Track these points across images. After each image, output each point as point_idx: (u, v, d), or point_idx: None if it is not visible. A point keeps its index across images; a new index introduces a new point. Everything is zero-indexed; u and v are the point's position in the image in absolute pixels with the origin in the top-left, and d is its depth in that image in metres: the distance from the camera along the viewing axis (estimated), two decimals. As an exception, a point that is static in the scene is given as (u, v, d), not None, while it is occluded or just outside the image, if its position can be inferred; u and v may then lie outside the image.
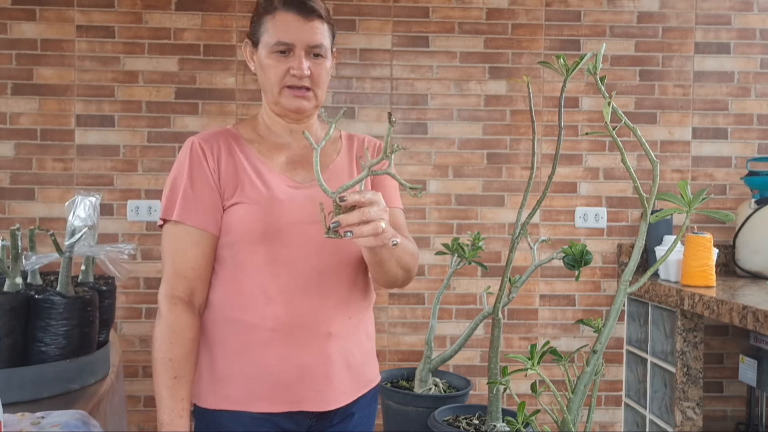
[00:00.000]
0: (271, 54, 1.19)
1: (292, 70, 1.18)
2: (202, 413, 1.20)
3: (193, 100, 2.68)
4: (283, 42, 1.17)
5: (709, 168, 2.83)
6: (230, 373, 1.18)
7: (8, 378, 1.17)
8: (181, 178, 1.19)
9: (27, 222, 2.60)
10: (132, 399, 2.65)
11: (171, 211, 1.17)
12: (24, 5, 2.61)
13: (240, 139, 1.24)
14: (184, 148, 1.22)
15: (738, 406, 2.83)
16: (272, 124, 1.27)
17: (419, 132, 2.75)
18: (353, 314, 1.23)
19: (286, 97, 1.21)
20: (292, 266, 1.17)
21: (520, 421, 0.96)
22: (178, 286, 1.16)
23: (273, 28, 1.18)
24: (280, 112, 1.24)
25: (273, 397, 1.17)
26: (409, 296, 2.75)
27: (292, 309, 1.17)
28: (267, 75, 1.20)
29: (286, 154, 1.25)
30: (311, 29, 1.19)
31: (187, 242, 1.17)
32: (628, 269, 0.87)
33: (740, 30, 2.81)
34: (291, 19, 1.18)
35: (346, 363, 1.22)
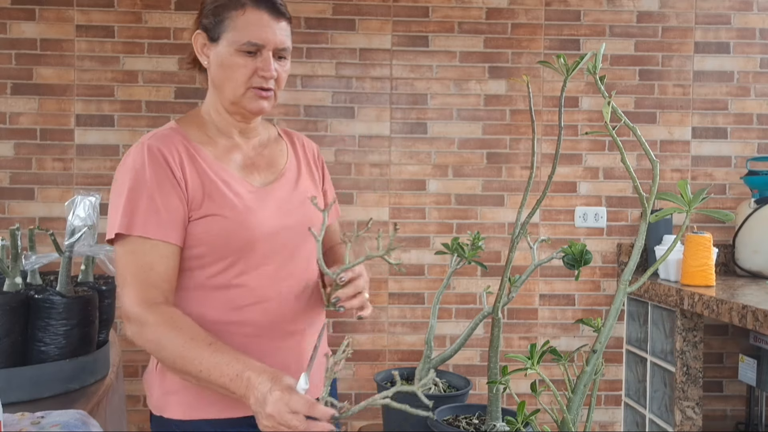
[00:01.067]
0: (238, 53, 1.13)
1: (260, 71, 1.14)
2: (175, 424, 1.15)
3: (192, 100, 2.68)
4: (254, 42, 1.13)
5: (709, 168, 2.83)
6: None
7: (8, 378, 1.17)
8: (141, 187, 1.08)
9: (27, 222, 2.60)
10: (132, 399, 2.65)
11: (132, 226, 1.07)
12: (24, 5, 2.61)
13: (192, 142, 1.17)
14: (138, 154, 1.11)
15: (738, 406, 2.83)
16: (222, 125, 1.21)
17: (419, 132, 2.75)
18: (320, 311, 1.28)
19: (250, 98, 1.16)
20: (266, 272, 1.16)
21: (520, 421, 0.96)
22: (150, 294, 1.08)
23: (243, 26, 1.13)
24: (237, 111, 1.19)
25: None
26: (409, 296, 2.75)
27: (268, 312, 1.16)
28: (231, 74, 1.14)
29: (239, 156, 1.21)
30: (280, 30, 1.15)
31: (153, 256, 1.08)
32: (628, 269, 0.87)
33: (740, 30, 2.81)
34: (262, 18, 1.13)
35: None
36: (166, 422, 1.16)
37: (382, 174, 2.74)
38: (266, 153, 1.26)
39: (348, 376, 2.72)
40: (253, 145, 1.24)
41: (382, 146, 2.74)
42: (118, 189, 1.11)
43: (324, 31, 2.71)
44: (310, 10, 2.71)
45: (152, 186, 1.08)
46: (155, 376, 1.19)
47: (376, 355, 2.74)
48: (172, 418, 1.15)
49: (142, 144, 1.12)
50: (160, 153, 1.11)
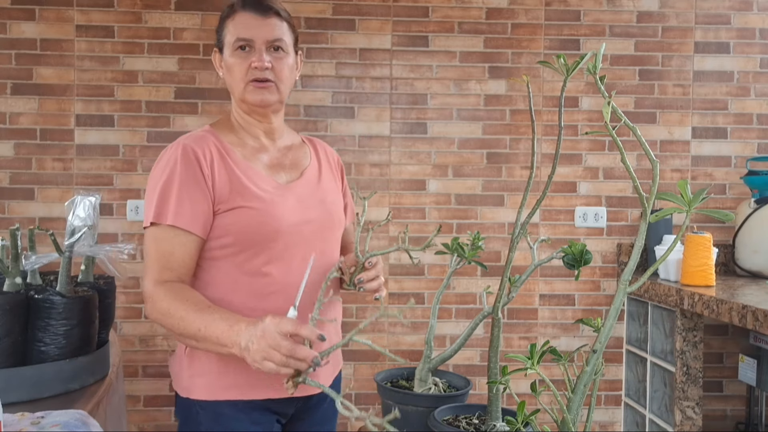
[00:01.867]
0: (233, 52, 1.26)
1: (254, 63, 1.24)
2: (200, 405, 1.25)
3: (192, 100, 2.68)
4: (242, 38, 1.25)
5: (709, 167, 2.83)
6: (229, 365, 1.23)
7: (8, 378, 1.17)
8: (173, 181, 1.20)
9: (27, 222, 2.60)
10: (132, 399, 2.65)
11: (161, 216, 1.19)
12: (23, 5, 2.61)
13: (224, 143, 1.29)
14: (173, 151, 1.23)
15: (738, 406, 2.83)
16: (248, 128, 1.33)
17: (419, 132, 2.75)
18: (336, 301, 1.39)
19: (251, 91, 1.26)
20: (290, 263, 1.24)
21: (520, 421, 0.96)
22: (165, 275, 1.19)
23: (233, 28, 1.26)
24: (247, 109, 1.30)
25: (273, 384, 1.24)
26: (409, 296, 2.75)
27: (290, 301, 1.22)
28: (232, 73, 1.27)
29: (266, 156, 1.33)
30: (269, 25, 1.26)
31: (174, 243, 1.19)
32: (628, 269, 0.88)
33: (740, 30, 2.81)
34: (249, 18, 1.25)
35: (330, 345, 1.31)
36: (192, 403, 1.26)
37: (382, 174, 2.74)
38: (290, 155, 1.37)
39: (348, 375, 2.73)
40: (278, 147, 1.36)
41: (382, 146, 2.74)
42: (153, 183, 1.23)
43: (324, 31, 2.71)
44: (310, 10, 2.71)
45: (182, 182, 1.20)
46: (183, 360, 1.28)
47: (376, 355, 2.74)
48: (198, 399, 1.25)
49: (178, 143, 1.25)
50: (192, 152, 1.23)
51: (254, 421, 1.26)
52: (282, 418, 1.32)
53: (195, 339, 1.13)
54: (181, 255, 1.20)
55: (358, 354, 2.73)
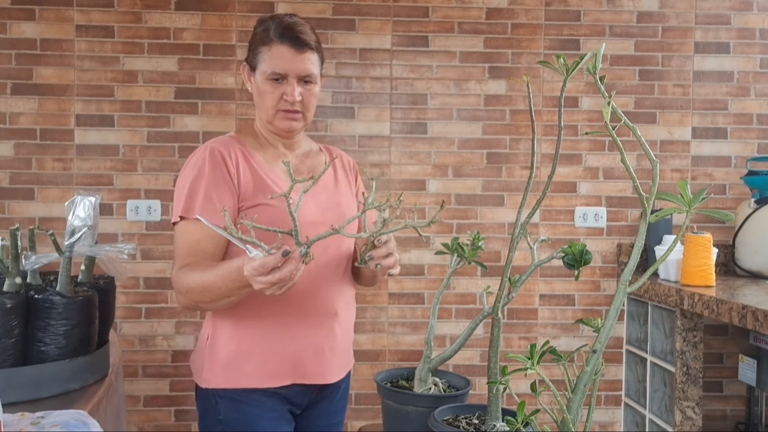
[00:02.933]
0: (266, 81, 1.34)
1: (285, 96, 1.33)
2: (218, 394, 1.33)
3: (192, 100, 2.68)
4: (277, 73, 1.33)
5: (709, 168, 2.83)
6: (250, 354, 1.32)
7: (8, 378, 1.17)
8: (201, 179, 1.29)
9: (27, 222, 2.60)
10: (132, 399, 2.65)
11: (189, 210, 1.28)
12: (23, 5, 2.61)
13: (248, 147, 1.38)
14: (201, 153, 1.33)
15: (738, 406, 2.83)
16: (269, 137, 1.43)
17: (419, 132, 2.75)
18: (349, 299, 1.46)
19: (280, 119, 1.37)
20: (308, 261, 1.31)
21: (520, 421, 0.96)
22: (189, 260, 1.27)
23: (269, 59, 1.33)
24: (273, 130, 1.40)
25: (287, 373, 1.34)
26: (409, 296, 2.75)
27: (306, 296, 1.33)
28: (263, 99, 1.36)
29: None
30: (303, 60, 1.33)
31: (201, 235, 1.28)
32: (628, 269, 0.88)
33: (740, 30, 2.81)
34: (285, 52, 1.32)
35: (345, 341, 1.43)
36: (211, 393, 1.33)
37: (382, 174, 2.74)
38: (308, 162, 1.47)
39: (348, 376, 2.72)
40: (296, 155, 1.45)
41: (382, 146, 2.74)
42: (182, 181, 1.32)
43: (324, 31, 2.71)
44: (310, 10, 2.71)
45: (210, 180, 1.29)
46: (205, 352, 1.36)
47: (376, 355, 2.74)
48: (216, 388, 1.33)
49: (205, 146, 1.34)
50: (219, 153, 1.32)
51: (270, 409, 1.33)
52: (296, 409, 1.39)
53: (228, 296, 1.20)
54: (206, 245, 1.28)
55: (358, 354, 2.73)
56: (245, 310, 1.32)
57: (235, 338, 1.34)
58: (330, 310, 1.38)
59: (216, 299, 1.22)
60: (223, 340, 1.34)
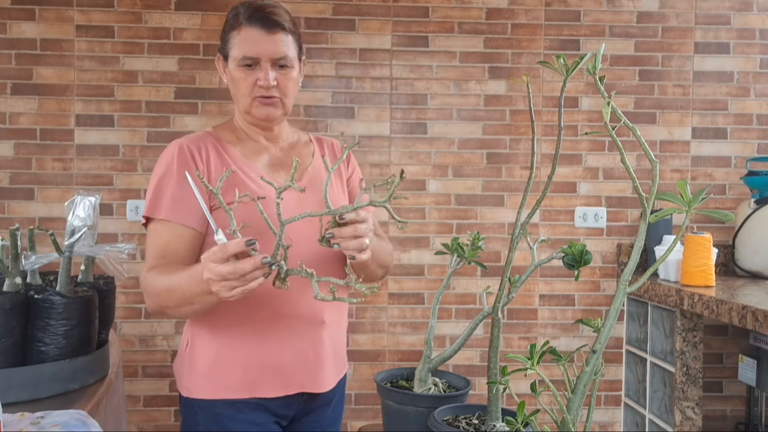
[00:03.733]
0: (239, 67, 1.26)
1: (259, 81, 1.25)
2: (198, 405, 1.26)
3: (192, 100, 2.68)
4: (248, 56, 1.24)
5: (709, 168, 2.83)
6: (230, 362, 1.25)
7: (8, 378, 1.17)
8: (169, 178, 1.23)
9: (26, 222, 2.60)
10: (132, 399, 2.65)
11: (156, 210, 1.22)
12: (23, 5, 2.61)
13: (223, 142, 1.31)
14: (170, 151, 1.26)
15: (737, 406, 2.83)
16: (248, 130, 1.35)
17: (419, 132, 2.75)
18: (339, 305, 1.35)
19: (256, 107, 1.28)
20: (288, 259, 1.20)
21: (520, 421, 0.96)
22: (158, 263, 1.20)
23: (239, 43, 1.25)
24: (252, 120, 1.32)
25: (272, 383, 1.26)
26: (409, 296, 2.75)
27: (289, 301, 1.24)
28: (237, 87, 1.28)
29: (266, 156, 1.34)
30: (275, 42, 1.25)
31: (170, 235, 1.21)
32: (628, 269, 0.88)
33: (740, 30, 2.81)
34: (255, 34, 1.24)
35: (334, 349, 1.34)
36: (192, 403, 1.27)
37: (382, 174, 2.74)
38: (293, 154, 1.37)
39: (348, 376, 2.72)
40: (281, 147, 1.37)
41: (382, 146, 2.74)
42: (151, 180, 1.26)
43: (324, 31, 2.71)
44: (310, 10, 2.71)
45: (177, 178, 1.22)
46: (185, 359, 1.30)
47: (375, 355, 2.74)
48: (197, 398, 1.26)
49: (175, 143, 1.28)
50: (188, 150, 1.25)
51: (252, 422, 1.25)
52: (282, 420, 1.31)
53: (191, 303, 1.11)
54: (175, 246, 1.21)
55: (358, 354, 2.73)
56: (223, 316, 1.25)
57: (213, 346, 1.26)
58: (315, 317, 1.29)
59: (179, 304, 1.13)
60: (202, 347, 1.27)
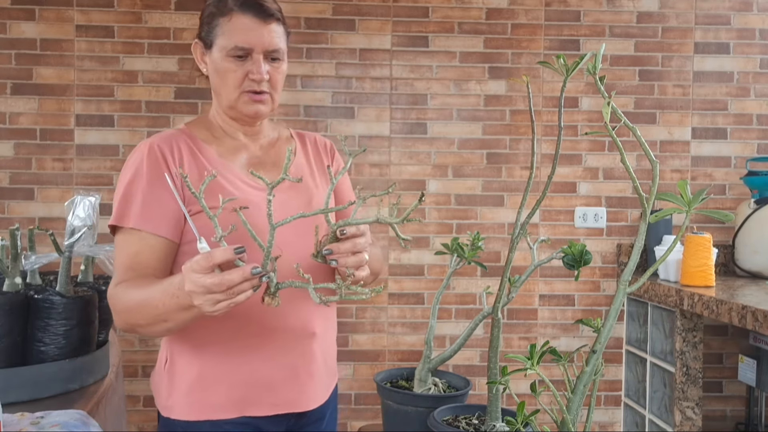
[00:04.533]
0: (227, 58, 1.15)
1: (251, 74, 1.15)
2: (180, 426, 1.15)
3: (192, 100, 2.68)
4: (241, 47, 1.14)
5: (709, 168, 2.83)
6: (214, 380, 1.15)
7: (8, 378, 1.17)
8: (138, 182, 1.11)
9: (26, 222, 2.60)
10: (132, 399, 2.65)
11: (124, 218, 1.10)
12: (23, 5, 2.61)
13: (197, 140, 1.20)
14: (139, 151, 1.14)
15: (737, 406, 2.83)
16: (227, 127, 1.24)
17: (419, 132, 2.75)
18: (328, 315, 1.27)
19: (244, 103, 1.18)
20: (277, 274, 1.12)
21: (520, 421, 0.96)
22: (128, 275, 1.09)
23: (230, 31, 1.15)
24: (236, 116, 1.22)
25: (260, 402, 1.16)
26: (409, 296, 2.75)
27: (276, 314, 1.14)
28: (224, 80, 1.17)
29: (244, 155, 1.23)
30: (269, 33, 1.15)
31: (140, 246, 1.10)
32: (628, 269, 0.88)
33: (740, 30, 2.81)
34: (248, 22, 1.14)
35: (325, 361, 1.25)
36: (173, 423, 1.16)
37: (381, 174, 2.74)
38: (273, 153, 1.27)
39: (348, 376, 2.73)
40: (260, 145, 1.26)
41: (382, 146, 2.74)
42: (119, 184, 1.15)
43: (324, 31, 2.71)
44: (310, 10, 2.71)
45: (147, 182, 1.11)
46: (164, 376, 1.20)
47: (375, 355, 2.74)
48: (178, 419, 1.16)
49: (145, 143, 1.16)
50: (159, 150, 1.14)
51: None
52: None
53: (165, 320, 1.01)
54: (146, 257, 1.10)
55: (358, 354, 2.73)
56: (205, 331, 1.14)
57: (195, 363, 1.15)
58: (306, 330, 1.19)
59: (152, 322, 1.02)
60: (183, 365, 1.16)
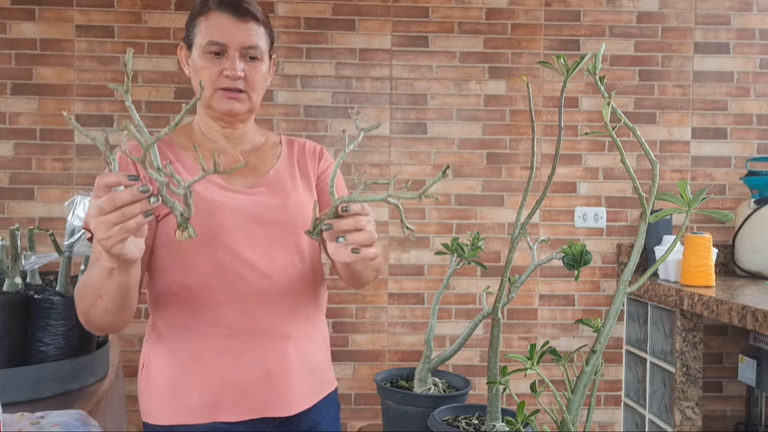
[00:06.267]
0: (204, 55, 1.15)
1: (225, 71, 1.15)
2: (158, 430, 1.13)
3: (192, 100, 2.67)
4: (215, 42, 1.14)
5: (709, 168, 2.83)
6: (187, 384, 1.13)
7: (8, 378, 1.17)
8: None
9: (26, 222, 2.60)
10: (132, 399, 2.64)
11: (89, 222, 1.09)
12: (23, 5, 2.61)
13: (174, 147, 1.20)
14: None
15: (737, 406, 2.83)
16: (207, 131, 1.23)
17: (419, 132, 2.75)
18: (309, 315, 1.21)
19: (218, 99, 1.17)
20: (240, 271, 1.13)
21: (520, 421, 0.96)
22: None
23: (206, 29, 1.15)
24: (213, 115, 1.21)
25: (234, 406, 1.13)
26: (409, 296, 2.75)
27: (246, 314, 1.13)
28: (199, 76, 1.17)
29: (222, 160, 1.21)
30: (245, 30, 1.16)
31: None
32: (628, 269, 0.88)
33: (739, 30, 2.81)
34: (224, 20, 1.15)
35: (305, 364, 1.19)
36: (151, 427, 1.15)
37: (381, 174, 2.74)
38: (253, 158, 1.25)
39: (348, 376, 2.72)
40: (242, 150, 1.24)
41: (382, 146, 2.74)
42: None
43: (324, 31, 2.71)
44: (310, 10, 2.71)
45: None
46: (142, 380, 1.18)
47: (375, 355, 2.74)
48: (156, 423, 1.14)
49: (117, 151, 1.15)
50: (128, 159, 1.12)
51: None
52: None
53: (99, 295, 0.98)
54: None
55: (358, 354, 2.73)
56: (177, 332, 1.14)
57: (169, 366, 1.14)
58: (276, 331, 1.15)
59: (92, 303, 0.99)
60: (157, 368, 1.15)
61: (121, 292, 0.97)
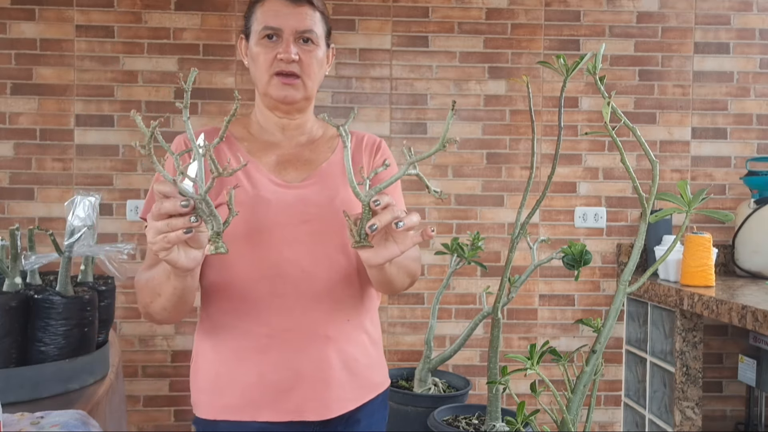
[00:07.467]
0: (259, 41, 1.16)
1: (280, 55, 1.14)
2: (203, 424, 1.16)
3: (192, 100, 2.68)
4: (269, 26, 1.15)
5: (709, 168, 2.83)
6: (228, 382, 1.14)
7: (7, 378, 1.17)
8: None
9: (26, 222, 2.60)
10: (132, 399, 2.65)
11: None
12: (23, 5, 2.61)
13: (230, 138, 1.21)
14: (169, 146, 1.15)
15: (737, 406, 2.83)
16: (264, 122, 1.24)
17: (419, 132, 2.75)
18: (351, 316, 1.18)
19: (275, 86, 1.16)
20: (281, 269, 1.12)
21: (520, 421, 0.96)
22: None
23: (261, 15, 1.16)
24: (270, 104, 1.21)
25: (273, 406, 1.12)
26: (409, 296, 2.75)
27: (286, 314, 1.12)
28: (256, 63, 1.17)
29: (276, 153, 1.21)
30: (300, 14, 1.16)
31: None
32: (628, 269, 0.87)
33: (739, 30, 2.81)
34: (279, 5, 1.16)
35: (347, 367, 1.16)
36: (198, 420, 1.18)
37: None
38: (307, 150, 1.24)
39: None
40: (297, 143, 1.24)
41: (382, 146, 2.74)
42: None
43: (324, 31, 2.71)
44: (310, 10, 2.70)
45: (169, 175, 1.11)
46: (192, 373, 1.21)
47: (375, 356, 2.74)
48: (201, 417, 1.16)
49: (178, 137, 1.21)
50: (184, 144, 1.19)
51: None
52: None
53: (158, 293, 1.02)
54: None
55: (358, 354, 2.73)
56: (223, 330, 1.15)
57: (214, 362, 1.16)
58: (316, 332, 1.13)
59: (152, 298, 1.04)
60: (204, 362, 1.17)
61: (176, 296, 0.99)
